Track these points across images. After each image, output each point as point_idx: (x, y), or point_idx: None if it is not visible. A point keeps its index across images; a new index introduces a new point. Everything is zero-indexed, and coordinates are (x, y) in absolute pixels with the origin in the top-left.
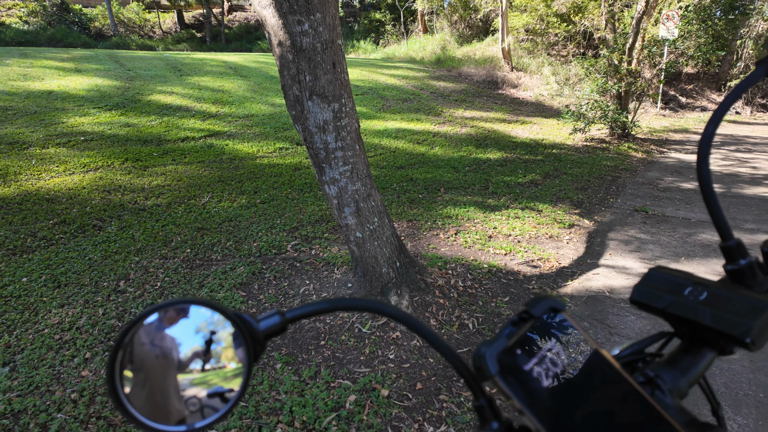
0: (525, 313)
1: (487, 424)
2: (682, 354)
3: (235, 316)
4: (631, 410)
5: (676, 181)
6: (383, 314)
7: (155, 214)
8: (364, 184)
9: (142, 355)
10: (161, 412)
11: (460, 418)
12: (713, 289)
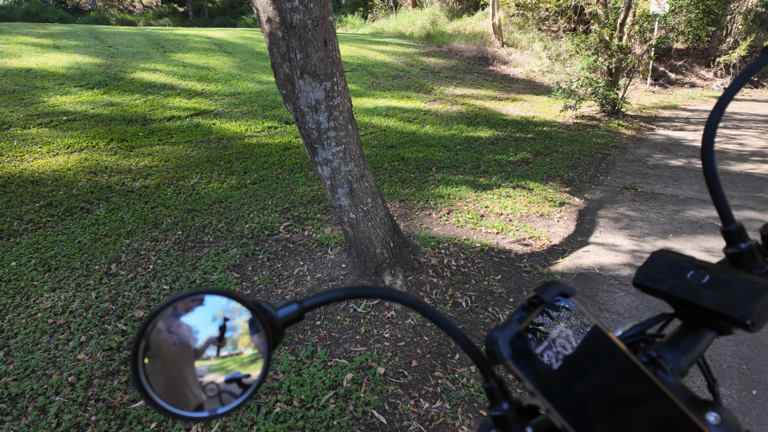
0: (535, 299)
1: (497, 405)
2: (683, 335)
3: (255, 305)
4: (637, 389)
5: (665, 158)
6: (398, 301)
7: (144, 195)
8: (357, 165)
9: (159, 342)
10: (180, 398)
11: (455, 393)
12: (715, 272)
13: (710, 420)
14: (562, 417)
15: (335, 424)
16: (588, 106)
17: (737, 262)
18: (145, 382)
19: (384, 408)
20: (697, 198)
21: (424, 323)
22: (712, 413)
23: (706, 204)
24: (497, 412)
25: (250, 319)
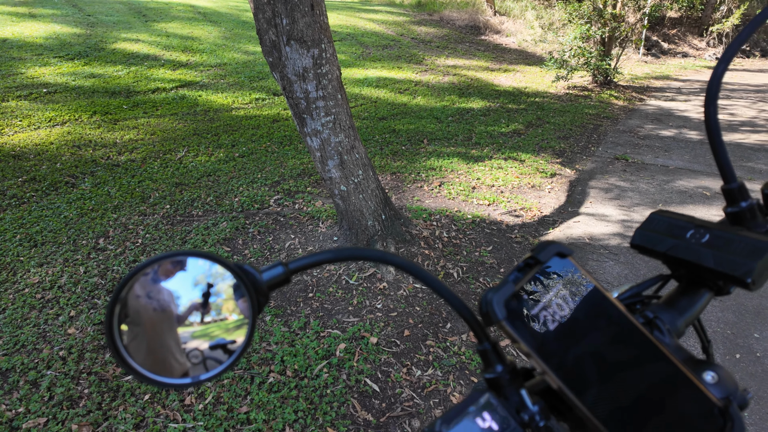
0: (531, 259)
1: (491, 368)
2: (680, 295)
3: (237, 268)
4: (634, 350)
5: (656, 128)
6: (389, 263)
7: (130, 169)
8: (347, 136)
9: (138, 308)
10: (163, 365)
11: (447, 361)
12: (715, 231)
13: (707, 379)
14: (558, 378)
15: (329, 392)
16: (580, 77)
17: (737, 221)
18: (123, 349)
19: (377, 376)
20: (687, 168)
21: (415, 294)
22: (709, 372)
23: (695, 174)
24: (491, 375)
25: (235, 284)
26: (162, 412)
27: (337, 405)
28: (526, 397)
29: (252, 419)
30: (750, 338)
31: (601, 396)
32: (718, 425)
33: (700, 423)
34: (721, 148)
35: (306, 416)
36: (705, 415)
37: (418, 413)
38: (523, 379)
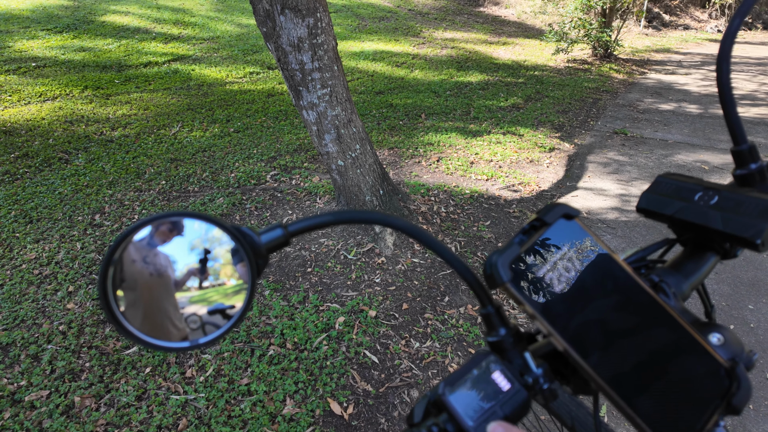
0: (537, 221)
1: (494, 331)
2: (686, 259)
3: (235, 230)
4: (641, 311)
5: (656, 102)
6: (390, 226)
7: (124, 145)
8: (344, 109)
9: (134, 273)
10: (161, 330)
11: (445, 333)
12: (724, 192)
13: (713, 341)
14: (564, 340)
15: (328, 364)
16: (580, 50)
17: (746, 184)
18: (119, 313)
19: (376, 348)
20: (686, 142)
21: (414, 268)
22: (716, 334)
23: (694, 148)
24: (494, 338)
25: (233, 249)
26: (163, 384)
27: (336, 376)
28: (529, 360)
29: (253, 390)
30: (744, 310)
31: (607, 357)
32: (724, 386)
33: (707, 383)
34: (732, 108)
35: (306, 387)
36: (711, 376)
37: (416, 383)
38: (526, 342)
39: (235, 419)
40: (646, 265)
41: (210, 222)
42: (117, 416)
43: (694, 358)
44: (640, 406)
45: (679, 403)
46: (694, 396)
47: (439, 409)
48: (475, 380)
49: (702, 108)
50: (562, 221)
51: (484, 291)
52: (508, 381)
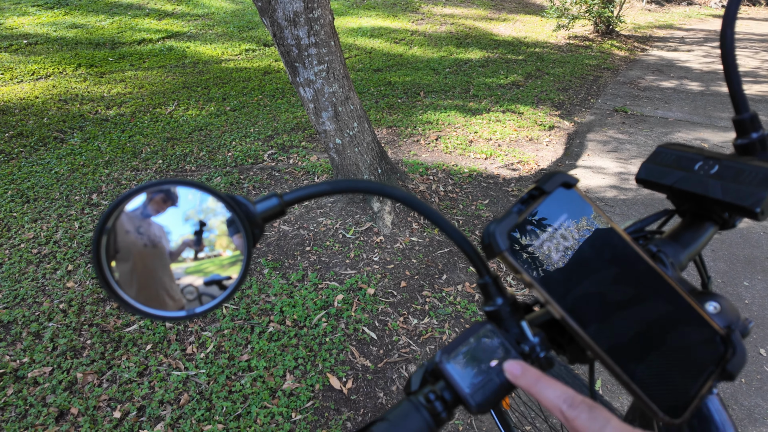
0: (536, 190)
1: (491, 300)
2: (684, 229)
3: (230, 199)
4: (638, 280)
5: (657, 79)
6: (386, 195)
7: (120, 124)
8: (341, 86)
9: (128, 244)
10: (157, 300)
11: (442, 310)
12: (725, 161)
13: (710, 309)
14: (561, 307)
15: (327, 340)
16: (581, 26)
17: (747, 153)
18: (114, 283)
19: (374, 325)
20: (687, 120)
21: (412, 247)
22: (712, 302)
23: (694, 126)
24: (491, 307)
25: (228, 219)
26: (164, 360)
27: (335, 352)
28: (526, 329)
29: (253, 366)
30: (739, 286)
31: (603, 324)
32: (720, 352)
33: (702, 351)
34: (735, 76)
35: (306, 363)
36: (707, 343)
37: (414, 359)
38: (523, 312)
39: (235, 394)
40: (644, 235)
41: (204, 190)
42: (119, 392)
43: (690, 326)
44: (636, 372)
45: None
46: (689, 363)
47: (436, 378)
48: (472, 348)
49: (703, 85)
50: (561, 190)
51: (482, 261)
52: (505, 349)
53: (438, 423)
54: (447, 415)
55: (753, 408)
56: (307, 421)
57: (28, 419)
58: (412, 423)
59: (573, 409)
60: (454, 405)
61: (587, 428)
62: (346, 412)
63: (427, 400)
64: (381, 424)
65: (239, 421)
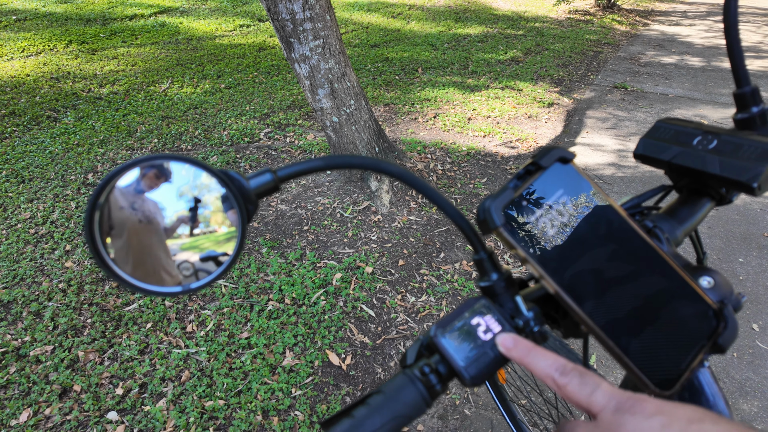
0: (532, 165)
1: (486, 276)
2: (680, 205)
3: (223, 174)
4: (634, 255)
5: (658, 55)
6: (381, 171)
7: (113, 102)
8: (337, 62)
9: (123, 220)
10: (153, 277)
11: (440, 288)
12: (723, 136)
13: (703, 284)
14: (555, 282)
15: (326, 318)
16: (582, 0)
17: (746, 128)
18: (108, 258)
19: (372, 303)
20: (687, 96)
21: (410, 226)
22: (706, 277)
23: (694, 102)
24: (486, 283)
25: (223, 195)
26: (165, 338)
27: (334, 329)
28: (520, 304)
29: (253, 344)
30: (735, 263)
31: (597, 298)
32: (712, 326)
33: (695, 324)
34: (737, 49)
35: (305, 340)
36: (700, 317)
37: (412, 336)
38: (518, 287)
39: (236, 371)
40: (641, 211)
41: (197, 166)
42: (121, 369)
43: (684, 301)
44: (629, 346)
45: (667, 343)
46: (682, 337)
47: (431, 351)
48: (467, 323)
49: (704, 61)
50: (557, 165)
51: (477, 237)
52: (499, 323)
53: (432, 395)
54: (441, 388)
55: (744, 381)
56: (307, 397)
57: (31, 396)
58: (407, 395)
59: (564, 376)
60: (448, 378)
61: (578, 393)
62: (345, 387)
63: (422, 373)
64: (377, 396)
65: (240, 397)
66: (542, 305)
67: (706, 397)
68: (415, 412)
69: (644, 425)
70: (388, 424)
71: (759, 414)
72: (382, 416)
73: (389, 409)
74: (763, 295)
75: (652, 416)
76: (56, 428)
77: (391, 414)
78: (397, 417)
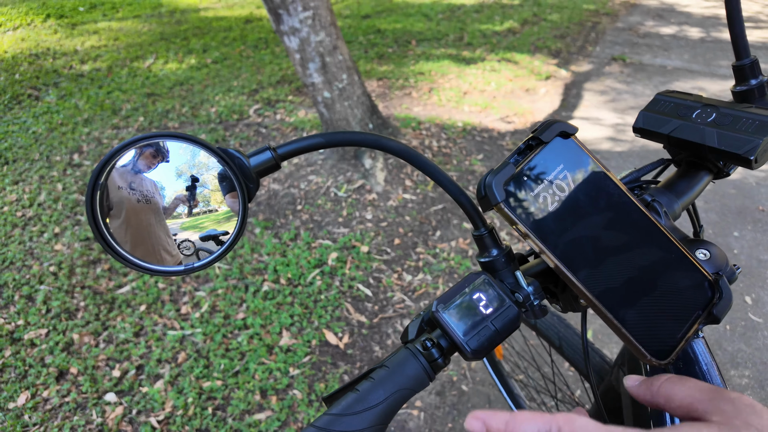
0: (533, 139)
1: (486, 252)
2: (679, 179)
3: (222, 152)
4: (633, 228)
5: (657, 25)
6: (382, 148)
7: (96, 79)
8: (328, 34)
9: (122, 200)
10: (154, 256)
11: (436, 267)
12: (722, 109)
13: (700, 256)
14: (555, 256)
15: (322, 297)
16: None
17: (745, 100)
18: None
19: (369, 282)
20: (685, 68)
21: (405, 204)
22: (702, 249)
23: (693, 74)
24: (486, 258)
25: (220, 174)
26: (159, 321)
27: (331, 309)
28: (520, 278)
29: (249, 324)
30: (729, 237)
31: (597, 272)
32: (707, 297)
33: (691, 295)
34: (738, 20)
35: (302, 320)
36: (696, 288)
37: (409, 314)
38: (517, 263)
39: (233, 352)
40: (640, 185)
41: (196, 144)
42: (117, 351)
43: (681, 272)
44: (627, 317)
45: (663, 314)
46: (678, 307)
47: (432, 326)
48: (468, 297)
49: (704, 31)
50: (558, 140)
51: (478, 213)
52: (499, 298)
53: (435, 369)
54: (443, 361)
55: (736, 353)
56: (305, 376)
57: (28, 379)
58: (410, 368)
59: None
60: (450, 352)
61: None
62: (343, 366)
63: (424, 347)
64: (380, 370)
65: (238, 377)
66: (541, 280)
67: (700, 366)
68: (418, 385)
69: None
70: (392, 397)
71: (750, 384)
72: (386, 389)
73: (393, 382)
74: (756, 269)
75: None
76: (55, 410)
77: (395, 387)
78: (401, 390)
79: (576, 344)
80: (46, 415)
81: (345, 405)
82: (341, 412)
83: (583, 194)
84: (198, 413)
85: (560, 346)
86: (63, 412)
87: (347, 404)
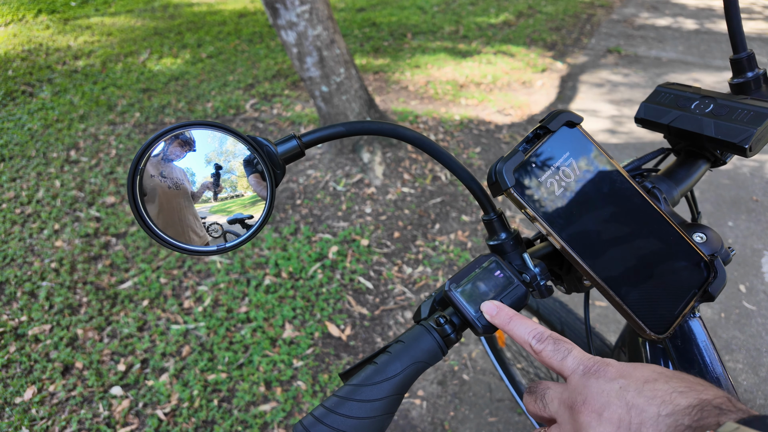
0: (541, 128)
1: (495, 235)
2: (678, 167)
3: (251, 140)
4: (634, 212)
5: (652, 17)
6: (398, 137)
7: (90, 75)
8: (326, 28)
9: (154, 186)
10: (183, 237)
11: (436, 259)
12: (720, 100)
13: (697, 239)
14: (561, 238)
15: (324, 291)
16: None
17: (741, 92)
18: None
19: (369, 275)
20: (680, 60)
21: (404, 198)
22: (699, 233)
23: (688, 66)
24: (495, 242)
25: (245, 159)
26: (162, 315)
27: (333, 301)
28: (528, 260)
29: (252, 318)
30: (724, 226)
31: (601, 253)
32: (703, 276)
33: (688, 275)
34: (736, 14)
35: (304, 312)
36: (693, 268)
37: (410, 306)
38: (525, 246)
39: (236, 345)
40: (641, 173)
41: (227, 132)
42: (121, 346)
43: (679, 254)
44: (628, 295)
45: (662, 292)
46: (676, 286)
47: (444, 305)
48: (478, 277)
49: (698, 23)
50: (564, 129)
51: (488, 199)
52: (508, 278)
53: (448, 343)
54: (455, 337)
55: (730, 339)
56: (309, 367)
57: (34, 374)
58: (424, 343)
59: (540, 342)
60: (462, 328)
61: (552, 358)
62: (345, 357)
63: (437, 324)
64: (396, 345)
65: (242, 369)
66: (547, 262)
67: (697, 344)
68: (433, 359)
69: (606, 387)
70: (408, 369)
71: (744, 369)
72: (402, 362)
73: (409, 355)
74: (750, 258)
75: (613, 379)
76: (62, 404)
77: (411, 360)
78: (417, 362)
79: (577, 328)
80: (53, 408)
81: (364, 376)
82: (361, 383)
83: (588, 180)
84: (204, 405)
85: (562, 331)
86: (70, 405)
87: (366, 376)
